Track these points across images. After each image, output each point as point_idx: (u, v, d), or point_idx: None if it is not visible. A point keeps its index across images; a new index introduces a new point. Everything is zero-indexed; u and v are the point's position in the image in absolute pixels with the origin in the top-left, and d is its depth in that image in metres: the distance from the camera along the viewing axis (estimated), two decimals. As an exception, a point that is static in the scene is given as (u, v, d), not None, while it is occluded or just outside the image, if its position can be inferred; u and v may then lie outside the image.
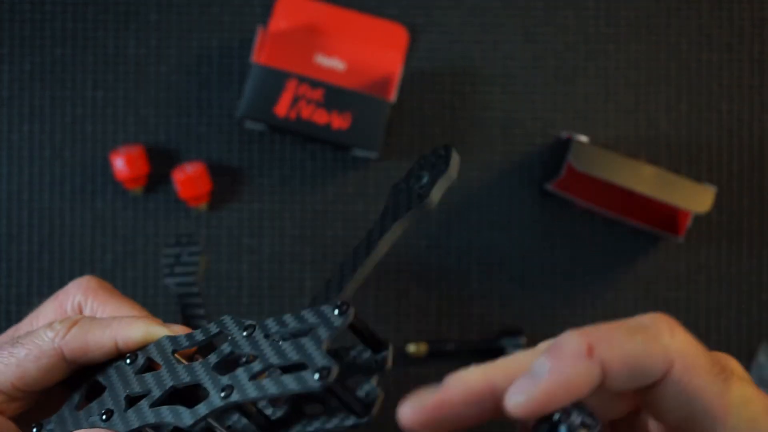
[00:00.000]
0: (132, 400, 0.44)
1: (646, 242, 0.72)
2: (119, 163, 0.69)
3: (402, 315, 0.71)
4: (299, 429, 0.42)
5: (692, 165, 0.72)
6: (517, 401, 0.34)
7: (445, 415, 0.35)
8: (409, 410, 0.35)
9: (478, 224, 0.72)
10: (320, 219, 0.72)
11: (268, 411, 0.43)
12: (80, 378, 0.47)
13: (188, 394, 0.44)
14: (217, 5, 0.72)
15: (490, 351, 0.70)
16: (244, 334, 0.43)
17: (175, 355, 0.45)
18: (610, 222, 0.72)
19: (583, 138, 0.68)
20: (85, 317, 0.47)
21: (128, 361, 0.46)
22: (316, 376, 0.37)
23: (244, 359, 0.42)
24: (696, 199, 0.67)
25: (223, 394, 0.41)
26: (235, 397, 0.40)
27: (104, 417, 0.44)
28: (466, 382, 0.36)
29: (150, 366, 0.46)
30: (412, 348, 0.70)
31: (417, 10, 0.72)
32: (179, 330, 0.47)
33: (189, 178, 0.69)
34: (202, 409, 0.41)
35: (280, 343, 0.41)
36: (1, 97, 0.72)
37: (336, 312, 0.39)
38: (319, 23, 0.71)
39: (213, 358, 0.43)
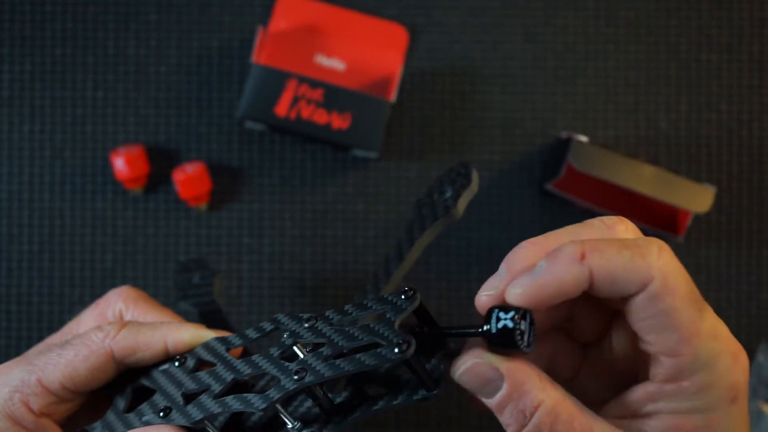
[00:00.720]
0: (189, 397, 0.45)
1: (645, 242, 0.72)
2: (119, 163, 0.69)
3: (402, 315, 0.72)
4: (365, 409, 0.43)
5: (692, 165, 0.72)
6: (514, 293, 0.40)
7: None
8: (484, 298, 0.41)
9: (478, 224, 0.72)
10: (320, 219, 0.72)
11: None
12: (121, 384, 0.48)
13: (242, 389, 0.45)
14: (217, 5, 0.72)
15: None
16: (306, 326, 0.44)
17: (229, 353, 0.46)
18: (609, 222, 0.72)
19: (583, 138, 0.68)
20: (133, 321, 0.48)
21: (177, 363, 0.47)
22: (396, 349, 0.39)
23: (308, 348, 0.43)
24: (696, 199, 0.67)
25: (296, 377, 0.42)
26: (309, 378, 0.41)
27: (162, 414, 0.45)
28: (525, 261, 0.41)
29: (198, 368, 0.46)
30: (412, 348, 0.70)
31: (417, 11, 0.72)
32: (225, 334, 0.48)
33: (189, 178, 0.69)
34: (273, 393, 0.42)
35: (347, 328, 0.42)
36: (2, 97, 0.72)
37: (403, 297, 0.42)
38: (319, 23, 0.71)
39: (275, 351, 0.44)
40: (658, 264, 0.39)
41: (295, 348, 0.44)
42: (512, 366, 0.40)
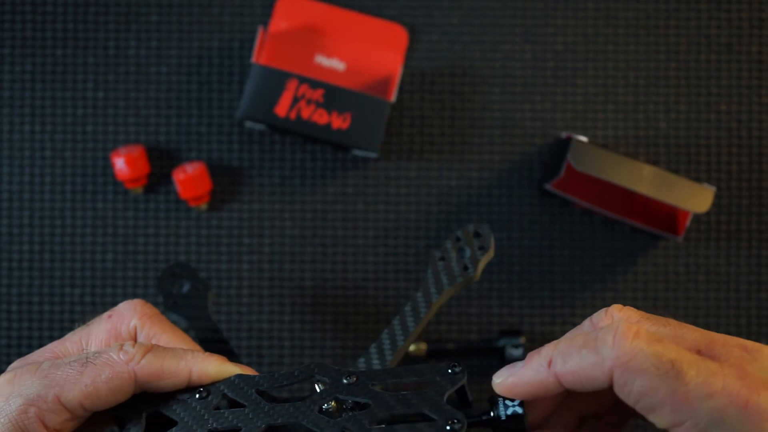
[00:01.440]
0: None
1: (645, 242, 0.72)
2: (120, 163, 0.69)
3: (402, 315, 0.72)
4: None
5: (691, 165, 0.72)
6: (495, 381, 0.44)
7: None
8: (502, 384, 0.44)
9: (477, 224, 0.72)
10: (320, 219, 0.72)
11: None
12: (130, 405, 0.47)
13: None
14: (217, 6, 0.72)
15: (489, 351, 0.70)
16: (345, 382, 0.44)
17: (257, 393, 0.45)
18: (609, 222, 0.72)
19: (583, 138, 0.68)
20: (157, 345, 0.47)
21: (198, 396, 0.46)
22: (448, 426, 0.42)
23: (346, 405, 0.44)
24: (695, 199, 0.67)
25: None
26: None
27: None
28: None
29: (219, 405, 0.46)
30: (411, 347, 0.70)
31: (417, 11, 0.72)
32: (249, 371, 0.47)
33: (189, 178, 0.69)
34: None
35: (392, 393, 0.43)
36: (3, 97, 0.72)
37: (450, 372, 0.44)
38: (319, 24, 0.71)
39: (312, 402, 0.44)
40: (613, 354, 0.40)
41: (327, 404, 0.44)
42: None
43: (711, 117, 0.73)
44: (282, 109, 0.68)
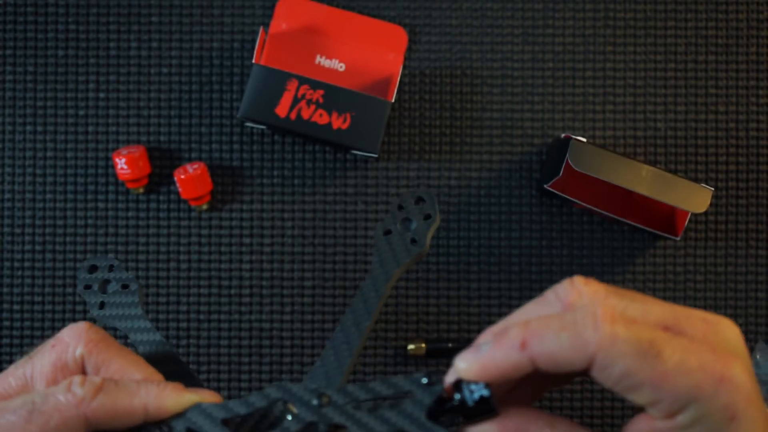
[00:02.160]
0: None
1: (644, 242, 0.72)
2: (121, 164, 0.70)
3: (401, 314, 0.72)
4: None
5: (689, 165, 0.73)
6: (460, 366, 0.41)
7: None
8: (464, 366, 0.42)
9: (477, 224, 0.72)
10: (320, 219, 0.72)
11: None
12: None
13: None
14: (218, 7, 0.73)
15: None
16: (316, 403, 0.43)
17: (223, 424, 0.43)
18: (608, 222, 0.72)
19: (581, 138, 0.69)
20: (108, 381, 0.44)
21: None
22: None
23: (321, 429, 0.43)
24: (693, 199, 0.67)
25: None
26: None
27: None
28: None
29: None
30: (411, 347, 0.71)
31: (416, 12, 0.73)
32: (209, 396, 0.45)
33: (190, 179, 0.70)
34: None
35: (368, 412, 0.42)
36: (5, 98, 0.72)
37: (425, 380, 0.43)
38: (319, 25, 0.71)
39: (292, 427, 0.43)
40: (596, 338, 0.39)
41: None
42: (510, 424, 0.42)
43: (709, 118, 0.73)
44: (282, 109, 0.69)
